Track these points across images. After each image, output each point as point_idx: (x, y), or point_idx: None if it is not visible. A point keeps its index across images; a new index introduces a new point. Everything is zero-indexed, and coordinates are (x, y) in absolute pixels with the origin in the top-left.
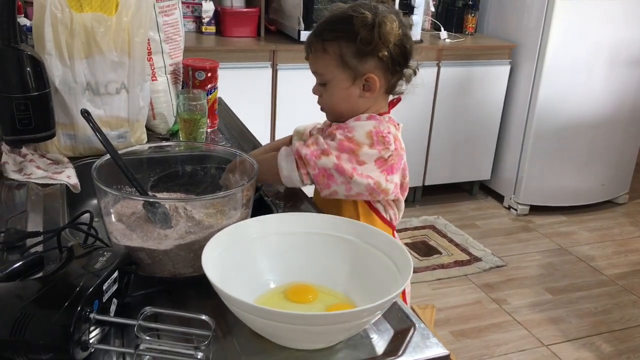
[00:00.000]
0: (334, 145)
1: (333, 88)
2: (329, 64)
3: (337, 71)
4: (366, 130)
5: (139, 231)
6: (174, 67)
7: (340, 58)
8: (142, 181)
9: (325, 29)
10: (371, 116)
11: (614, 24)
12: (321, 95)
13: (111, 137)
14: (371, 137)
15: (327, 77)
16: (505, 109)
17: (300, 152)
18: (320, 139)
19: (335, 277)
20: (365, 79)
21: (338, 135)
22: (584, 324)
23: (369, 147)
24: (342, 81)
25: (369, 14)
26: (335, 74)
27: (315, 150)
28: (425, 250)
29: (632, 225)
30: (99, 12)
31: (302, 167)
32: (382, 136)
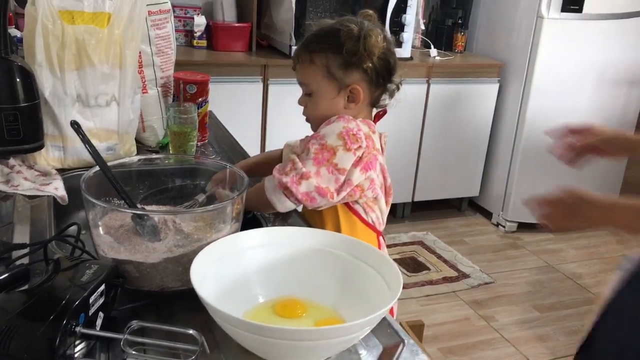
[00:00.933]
0: (311, 162)
1: (318, 98)
2: (315, 74)
3: (323, 82)
4: (337, 132)
5: (127, 244)
6: (164, 80)
7: (326, 69)
8: (131, 194)
9: (312, 40)
10: (340, 116)
11: (601, 44)
12: (306, 105)
13: (101, 149)
14: (342, 137)
15: (312, 87)
16: (494, 127)
17: (283, 182)
18: (297, 161)
19: (324, 292)
20: (350, 90)
21: (312, 148)
22: (572, 342)
23: (344, 149)
24: (327, 92)
25: (355, 27)
26: (321, 85)
27: (294, 176)
28: (413, 267)
29: (618, 243)
30: (91, 24)
31: (289, 196)
32: (353, 134)
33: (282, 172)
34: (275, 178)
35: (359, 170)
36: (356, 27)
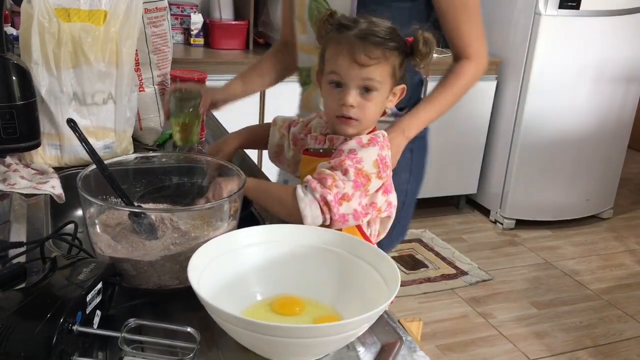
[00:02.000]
0: (351, 185)
1: (380, 97)
2: (384, 71)
3: (387, 81)
4: (372, 160)
5: (124, 242)
6: (161, 78)
7: (393, 68)
8: (128, 192)
9: (383, 37)
10: (372, 139)
11: (599, 41)
12: (358, 105)
13: (97, 147)
14: (377, 166)
15: (377, 85)
16: (492, 124)
17: (325, 198)
18: (338, 179)
19: (322, 290)
20: (398, 90)
21: (350, 170)
22: (569, 339)
23: (376, 177)
24: (387, 91)
25: (421, 32)
26: (385, 83)
27: (337, 194)
28: (412, 264)
29: (616, 240)
30: (87, 22)
31: (326, 212)
32: (385, 163)
33: (324, 186)
34: (316, 191)
35: (381, 194)
36: (421, 32)
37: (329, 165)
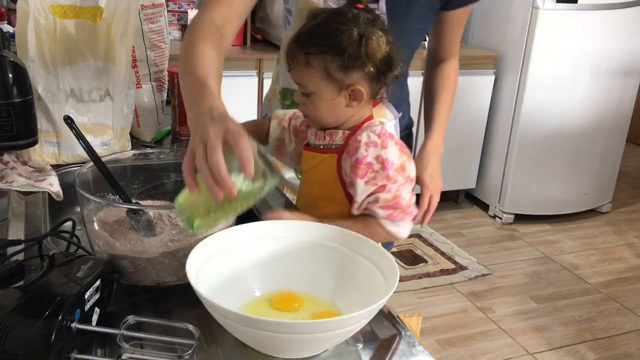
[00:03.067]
0: (405, 186)
1: (318, 99)
2: (314, 76)
3: (322, 83)
4: (396, 152)
5: (122, 239)
6: (159, 74)
7: (325, 71)
8: (125, 189)
9: (308, 41)
10: (376, 138)
11: (596, 35)
12: (304, 104)
13: (95, 144)
14: (403, 153)
15: (311, 88)
16: (490, 119)
17: (409, 211)
18: (395, 190)
19: (321, 285)
20: (351, 89)
21: (397, 177)
22: (569, 332)
23: (408, 161)
24: (327, 93)
25: (355, 30)
26: (320, 86)
27: (408, 202)
28: (411, 259)
29: (615, 234)
30: (83, 18)
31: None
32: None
33: (403, 210)
34: (405, 220)
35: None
36: (356, 30)
37: (380, 188)
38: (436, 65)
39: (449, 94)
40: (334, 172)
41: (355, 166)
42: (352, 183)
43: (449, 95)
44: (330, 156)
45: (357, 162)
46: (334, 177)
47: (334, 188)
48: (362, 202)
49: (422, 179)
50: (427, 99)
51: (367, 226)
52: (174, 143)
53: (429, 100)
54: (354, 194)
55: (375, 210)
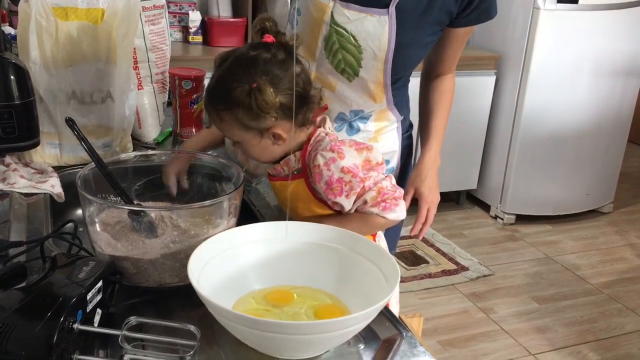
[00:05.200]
0: (378, 175)
1: (247, 146)
2: (232, 128)
3: (242, 133)
4: (353, 154)
5: (123, 240)
6: (160, 76)
7: (239, 122)
8: (127, 190)
9: (214, 99)
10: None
11: (597, 35)
12: (239, 149)
13: (96, 146)
14: (359, 149)
15: (235, 138)
16: (491, 119)
17: (396, 196)
18: (373, 184)
19: (323, 282)
20: (271, 134)
21: (369, 174)
22: (571, 333)
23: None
24: (250, 139)
25: (245, 84)
26: (242, 136)
27: (391, 188)
28: (412, 260)
29: (616, 234)
30: (85, 20)
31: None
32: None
33: (387, 199)
34: (393, 210)
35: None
36: (247, 85)
37: (361, 191)
38: (433, 80)
39: (446, 109)
40: (308, 194)
41: (329, 188)
42: (336, 203)
43: (445, 110)
44: (298, 182)
45: (327, 184)
46: (310, 197)
47: (315, 204)
48: (352, 208)
49: (421, 192)
50: (423, 112)
51: (365, 221)
52: (175, 144)
53: (426, 114)
54: (341, 209)
55: (369, 210)
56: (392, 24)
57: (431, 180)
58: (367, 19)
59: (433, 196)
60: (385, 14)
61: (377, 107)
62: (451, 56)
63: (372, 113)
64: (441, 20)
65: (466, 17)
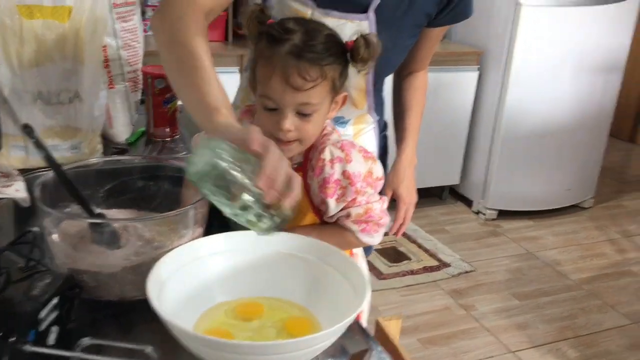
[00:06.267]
0: (375, 194)
1: (318, 116)
2: (323, 90)
3: (327, 97)
4: (360, 160)
5: (84, 252)
6: (132, 74)
7: (333, 82)
8: (91, 196)
9: (319, 51)
10: (340, 154)
11: (579, 31)
12: (297, 129)
13: (64, 148)
14: (367, 158)
15: (314, 106)
16: (474, 115)
17: (381, 223)
18: (366, 201)
19: (292, 293)
20: (340, 98)
21: (367, 189)
22: (551, 330)
23: (374, 163)
24: (326, 107)
25: (359, 35)
26: (325, 101)
27: (381, 210)
28: (394, 256)
29: (597, 229)
30: (51, 19)
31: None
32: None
33: (376, 222)
34: (377, 233)
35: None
36: (362, 37)
37: (351, 202)
38: (406, 77)
39: (420, 107)
40: (302, 191)
41: (324, 186)
42: (323, 202)
43: (419, 108)
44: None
45: (324, 181)
46: (302, 196)
47: (303, 205)
48: (334, 215)
49: (398, 193)
50: (398, 111)
51: (340, 235)
52: (148, 144)
53: (400, 112)
54: (325, 211)
55: (348, 225)
56: (372, 29)
57: (409, 180)
58: (347, 25)
59: (411, 197)
60: (365, 19)
61: (358, 113)
62: (425, 54)
63: (352, 118)
64: (420, 22)
65: (444, 18)
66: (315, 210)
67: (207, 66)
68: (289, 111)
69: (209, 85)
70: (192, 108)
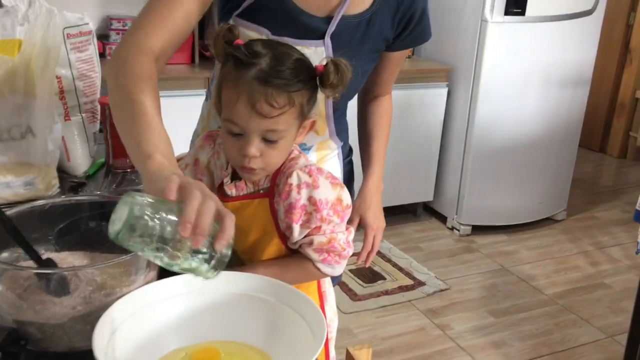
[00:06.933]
0: (341, 224)
1: (284, 142)
2: (291, 117)
3: (294, 124)
4: (330, 187)
5: (30, 301)
6: (89, 105)
7: (301, 108)
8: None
9: (287, 77)
10: (307, 179)
11: (545, 46)
12: (262, 155)
13: (18, 184)
14: (336, 184)
15: (281, 133)
16: (445, 131)
17: (344, 254)
18: (332, 231)
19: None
20: (308, 124)
21: (333, 217)
22: (526, 347)
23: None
24: (293, 133)
25: (329, 60)
26: (292, 127)
27: (345, 242)
28: (369, 276)
29: (570, 242)
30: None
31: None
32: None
33: (339, 254)
34: (340, 264)
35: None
36: (329, 59)
37: (315, 230)
38: (371, 102)
39: (385, 132)
40: (268, 216)
41: (290, 211)
42: (289, 227)
43: (385, 132)
44: (260, 201)
45: (290, 206)
46: (268, 221)
47: (269, 231)
48: (297, 242)
49: (365, 219)
50: (363, 136)
51: (302, 267)
52: (108, 176)
53: (365, 138)
54: (290, 236)
55: (309, 253)
56: (329, 55)
57: (376, 206)
58: (303, 51)
59: (379, 223)
60: (322, 45)
61: (320, 139)
62: (387, 78)
63: (314, 144)
64: (378, 47)
65: (402, 42)
66: (281, 235)
67: (147, 112)
68: (254, 137)
69: (145, 132)
70: (130, 153)
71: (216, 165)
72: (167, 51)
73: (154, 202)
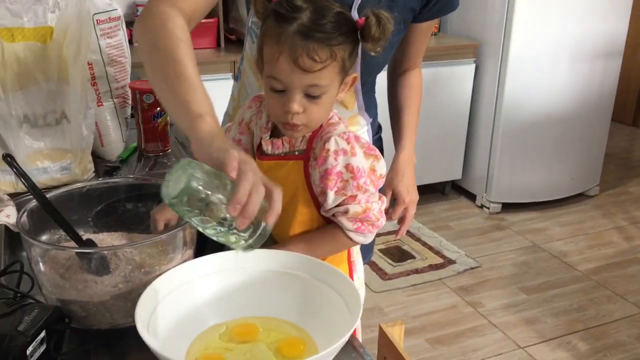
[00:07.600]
0: (375, 194)
1: (327, 98)
2: (333, 71)
3: (336, 78)
4: (364, 156)
5: (73, 280)
6: (120, 90)
7: (343, 62)
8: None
9: (328, 30)
10: (344, 145)
11: (576, 18)
12: (305, 111)
13: (54, 169)
14: (370, 155)
15: (323, 88)
16: (473, 108)
17: (377, 224)
18: (366, 200)
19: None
20: (350, 79)
21: (369, 186)
22: (560, 323)
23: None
24: (335, 88)
25: (370, 12)
26: (334, 82)
27: (379, 211)
28: (398, 256)
29: (603, 217)
30: (32, 40)
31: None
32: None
33: (372, 223)
34: (371, 232)
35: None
36: (371, 11)
37: (350, 199)
38: (400, 76)
39: (416, 105)
40: (302, 179)
41: (325, 177)
42: (323, 193)
43: (416, 106)
44: (295, 163)
45: (326, 172)
46: (301, 184)
47: (302, 194)
48: (331, 209)
49: (398, 192)
50: (394, 110)
51: (334, 239)
52: (140, 160)
53: (396, 111)
54: (323, 202)
55: (343, 222)
56: None
57: (408, 179)
58: None
59: (411, 196)
60: None
61: (349, 114)
62: (416, 51)
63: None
64: (405, 18)
65: (429, 12)
66: (314, 199)
67: (191, 72)
68: (297, 93)
69: (192, 92)
70: (176, 115)
71: (257, 125)
72: (196, 15)
73: (210, 175)
